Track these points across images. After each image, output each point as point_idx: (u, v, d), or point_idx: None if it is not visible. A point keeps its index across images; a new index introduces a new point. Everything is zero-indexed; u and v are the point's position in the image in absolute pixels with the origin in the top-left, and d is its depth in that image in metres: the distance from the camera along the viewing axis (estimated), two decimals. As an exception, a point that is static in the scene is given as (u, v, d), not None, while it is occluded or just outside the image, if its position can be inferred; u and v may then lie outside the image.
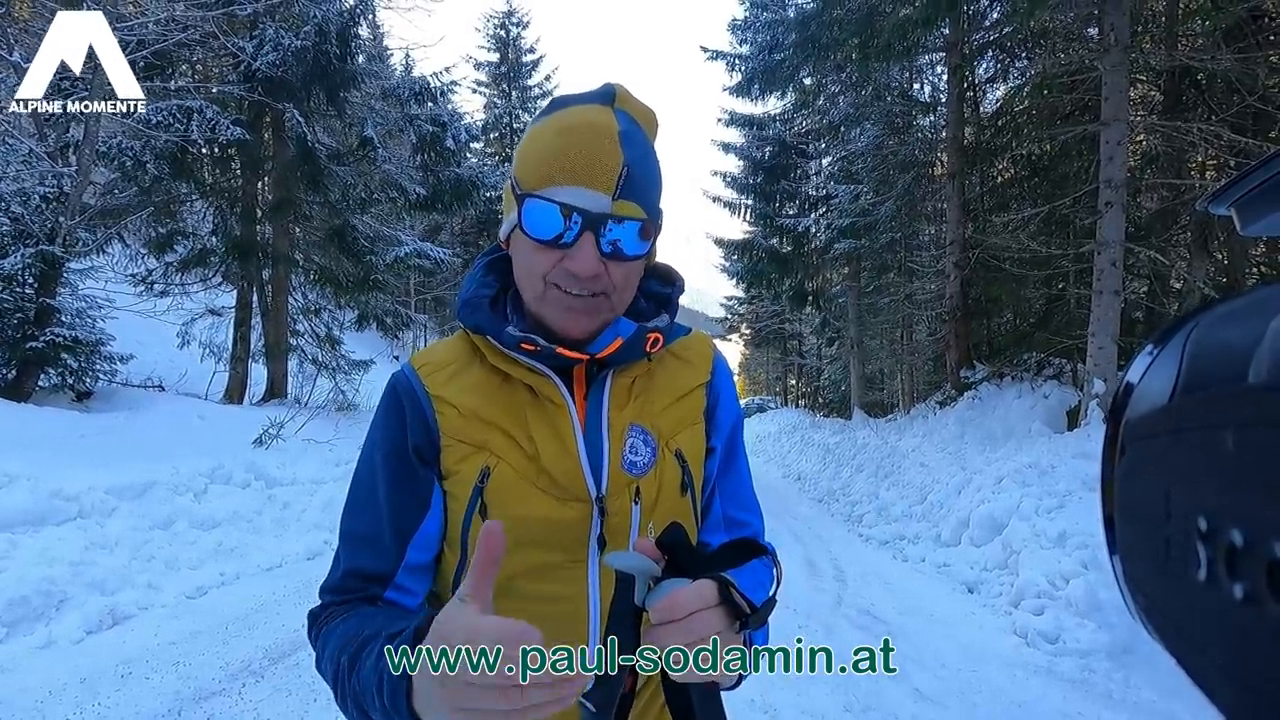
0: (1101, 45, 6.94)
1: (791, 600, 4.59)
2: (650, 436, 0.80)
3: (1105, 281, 6.72)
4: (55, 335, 6.67)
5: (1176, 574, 0.22)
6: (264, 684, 3.13)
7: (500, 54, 23.15)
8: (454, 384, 0.79)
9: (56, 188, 6.83)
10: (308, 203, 10.66)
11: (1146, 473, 0.25)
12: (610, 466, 0.76)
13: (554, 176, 0.71)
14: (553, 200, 0.70)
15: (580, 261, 0.71)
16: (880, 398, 18.53)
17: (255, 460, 6.25)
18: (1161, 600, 0.24)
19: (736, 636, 0.62)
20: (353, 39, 9.71)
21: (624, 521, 0.77)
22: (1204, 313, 0.25)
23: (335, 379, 11.35)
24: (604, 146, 0.72)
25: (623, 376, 0.81)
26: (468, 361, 0.81)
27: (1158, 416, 0.25)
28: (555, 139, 0.73)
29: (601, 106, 0.76)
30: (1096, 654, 3.67)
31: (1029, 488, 5.60)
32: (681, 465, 0.81)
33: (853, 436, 12.22)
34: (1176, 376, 0.24)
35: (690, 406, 0.85)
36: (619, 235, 0.72)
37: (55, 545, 4.01)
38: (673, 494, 0.80)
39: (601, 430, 0.77)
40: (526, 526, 0.74)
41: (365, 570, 0.77)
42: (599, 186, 0.71)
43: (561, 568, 0.76)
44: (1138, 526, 0.26)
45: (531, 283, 0.76)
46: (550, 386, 0.77)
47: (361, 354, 12.22)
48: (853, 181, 13.60)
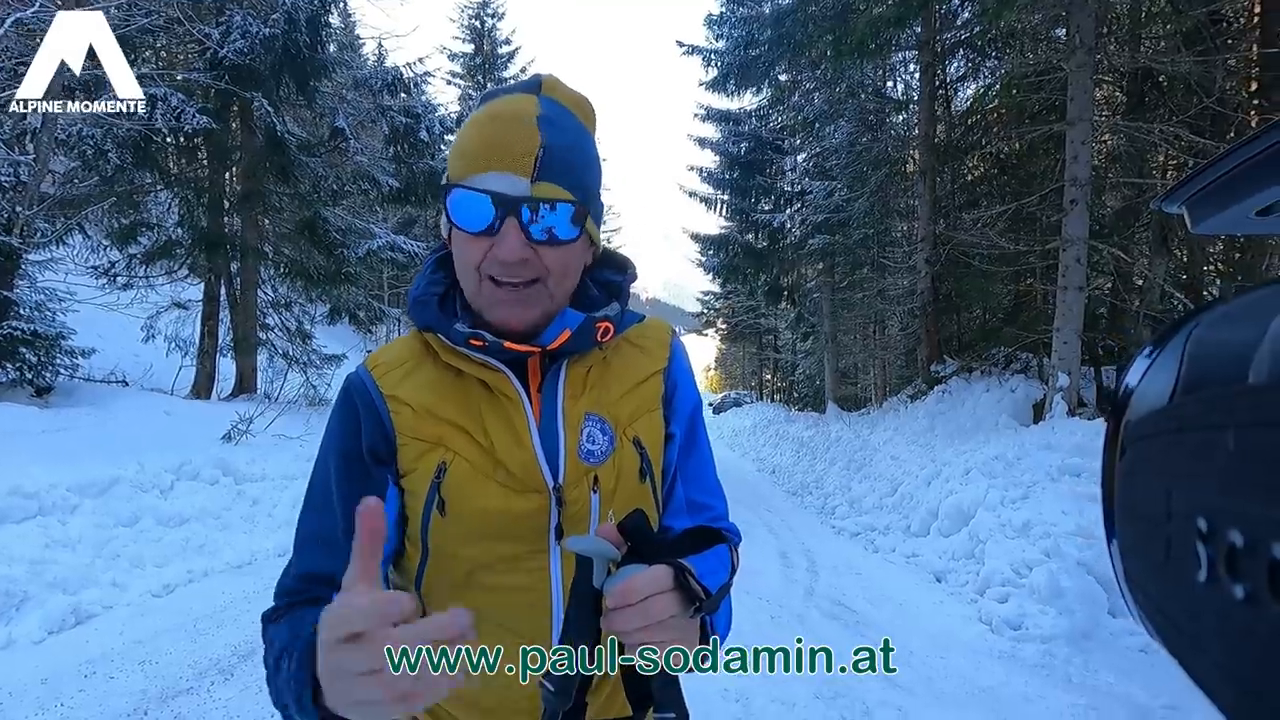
0: (1068, 46, 7.10)
1: (764, 591, 4.65)
2: (607, 425, 0.80)
3: (1070, 278, 6.89)
4: (12, 329, 6.47)
5: (1177, 574, 0.22)
6: (233, 682, 3.09)
7: (475, 45, 22.91)
8: (408, 382, 0.79)
9: (13, 176, 6.62)
10: (277, 194, 10.44)
11: (1147, 473, 0.25)
12: (567, 456, 0.77)
13: (475, 164, 0.72)
14: (473, 188, 0.71)
15: (505, 248, 0.71)
16: (854, 392, 18.79)
17: (224, 456, 6.13)
18: (1162, 600, 0.24)
19: (692, 621, 0.63)
20: (323, 27, 9.54)
21: (583, 510, 0.77)
22: (1203, 313, 0.25)
23: (306, 373, 11.17)
24: (519, 130, 0.72)
25: (578, 366, 0.81)
26: (421, 360, 0.81)
27: (1158, 417, 0.25)
28: (476, 129, 0.74)
29: (525, 95, 0.76)
30: (1057, 639, 3.78)
31: (995, 479, 5.73)
32: (640, 452, 0.81)
33: (826, 430, 12.37)
34: (1176, 377, 0.24)
35: (647, 393, 0.85)
36: (551, 221, 0.72)
37: (14, 543, 3.90)
38: (632, 481, 0.80)
39: (557, 421, 0.78)
40: (485, 519, 0.75)
41: (317, 572, 0.76)
42: (516, 170, 0.71)
43: (522, 559, 0.76)
44: (1138, 526, 0.26)
45: (468, 276, 0.76)
46: (503, 380, 0.77)
47: (333, 348, 12.04)
48: (827, 178, 13.72)
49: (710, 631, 0.71)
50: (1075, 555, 4.32)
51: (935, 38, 10.16)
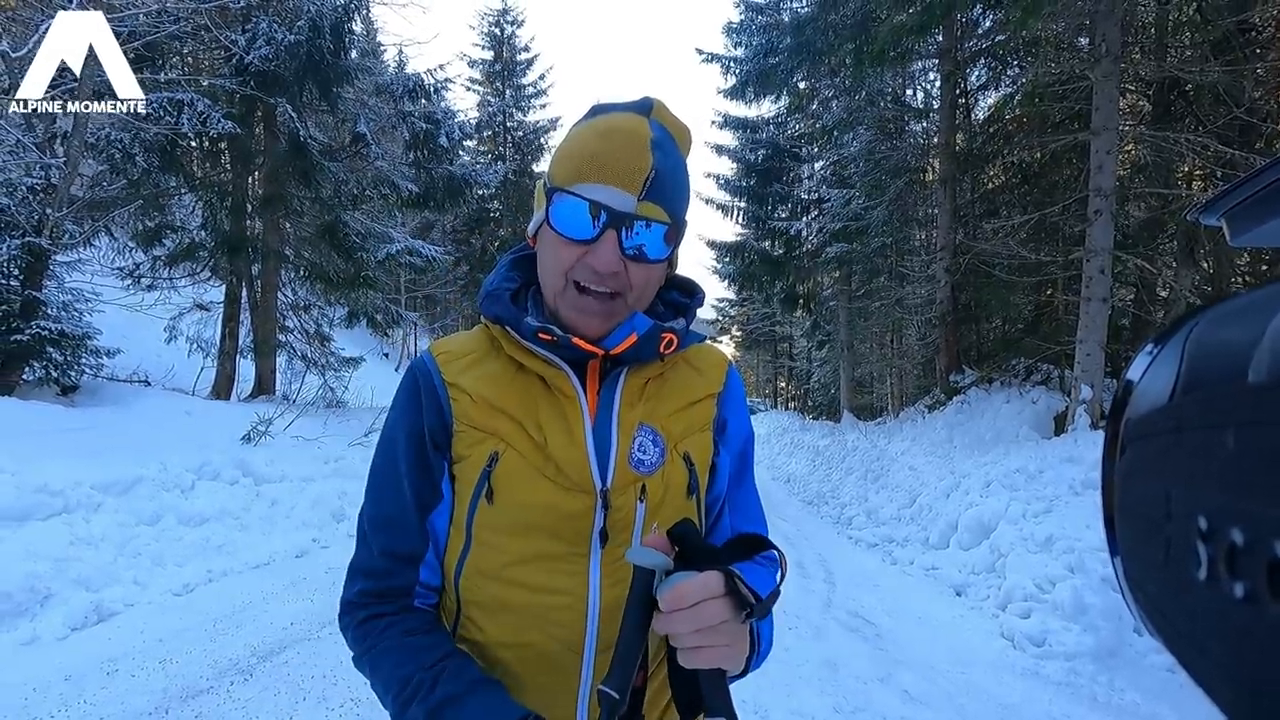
0: (1093, 55, 7.02)
1: (781, 602, 4.59)
2: (660, 437, 0.81)
3: (1093, 289, 6.79)
4: (41, 328, 6.58)
5: (1177, 573, 0.22)
6: (253, 682, 3.10)
7: (495, 52, 23.09)
8: (470, 372, 0.82)
9: (44, 179, 6.74)
10: (299, 198, 10.57)
11: (1147, 472, 0.25)
12: (617, 461, 0.77)
13: (584, 174, 0.75)
14: (581, 196, 0.74)
15: (601, 257, 0.74)
16: (870, 401, 18.65)
17: (243, 457, 6.19)
18: (1162, 600, 0.24)
19: (742, 627, 0.65)
20: (346, 34, 9.62)
21: (628, 517, 0.77)
22: (1204, 312, 0.25)
23: (324, 376, 11.26)
24: (634, 149, 0.75)
25: (636, 376, 0.82)
26: (486, 352, 0.84)
27: (1158, 416, 0.25)
28: (589, 140, 0.77)
29: (638, 115, 0.79)
30: (1082, 657, 3.71)
31: (1017, 492, 5.65)
32: (689, 468, 0.82)
33: (842, 439, 12.28)
34: (1177, 376, 0.24)
35: (700, 414, 0.86)
36: (644, 239, 0.75)
37: (39, 541, 3.95)
38: (679, 496, 0.81)
39: (611, 425, 0.79)
40: (530, 512, 0.76)
41: (397, 551, 0.80)
42: (626, 186, 0.74)
43: (562, 560, 0.76)
44: (1138, 526, 0.26)
45: (554, 278, 0.78)
46: (562, 378, 0.79)
47: (351, 351, 12.15)
48: (845, 186, 13.67)
49: (756, 640, 0.72)
50: (1100, 571, 4.24)
51: (957, 46, 10.09)
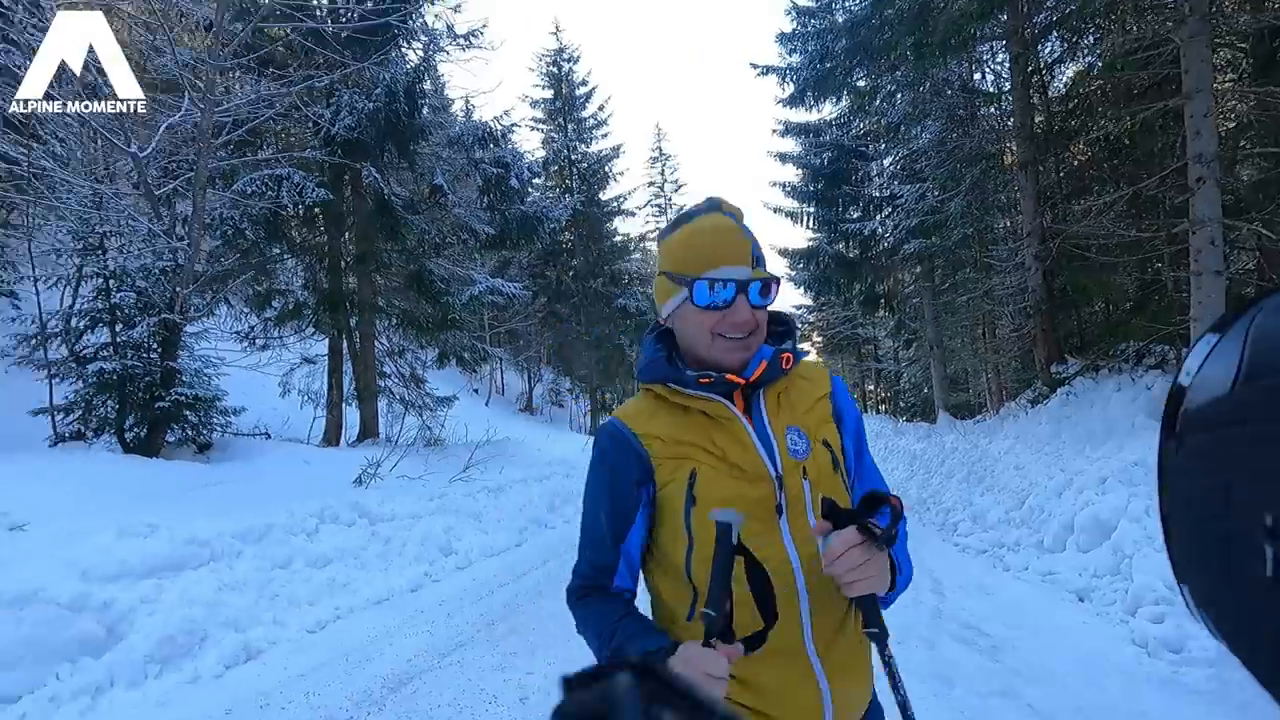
0: (1177, 14, 6.59)
1: (886, 614, 4.48)
2: (803, 433, 1.09)
3: (1204, 261, 6.31)
4: (179, 394, 7.32)
5: (1238, 569, 0.22)
6: (385, 712, 3.33)
7: (555, 90, 23.88)
8: (652, 422, 1.10)
9: (172, 260, 7.54)
10: (387, 252, 11.28)
11: (1205, 464, 0.25)
12: (781, 455, 1.05)
13: (712, 262, 1.04)
14: (717, 278, 1.03)
15: (741, 315, 1.03)
16: (965, 399, 17.81)
17: (357, 499, 6.63)
18: (1219, 594, 0.24)
19: (882, 556, 0.93)
20: (419, 95, 10.27)
21: (798, 493, 1.04)
22: (1267, 299, 0.24)
23: (422, 416, 11.88)
24: (737, 238, 1.06)
25: (770, 393, 1.11)
26: (656, 407, 1.12)
27: (1218, 406, 0.24)
28: (701, 239, 1.07)
29: (719, 214, 1.10)
30: (1226, 663, 3.43)
31: (1137, 487, 5.28)
32: (829, 450, 1.10)
33: (940, 441, 11.79)
34: (1238, 365, 0.23)
35: (822, 411, 1.15)
36: (759, 292, 1.04)
37: (193, 587, 4.39)
38: (829, 472, 1.08)
39: (767, 431, 1.07)
40: (727, 503, 0.99)
41: (600, 563, 1.13)
42: (742, 263, 1.05)
43: (759, 535, 1.02)
44: (1194, 518, 0.25)
45: (702, 337, 1.07)
46: (721, 408, 1.07)
47: (444, 390, 12.74)
48: (917, 179, 13.27)
49: (897, 567, 1.03)
50: (1241, 568, 3.91)
51: (1024, 24, 9.68)
